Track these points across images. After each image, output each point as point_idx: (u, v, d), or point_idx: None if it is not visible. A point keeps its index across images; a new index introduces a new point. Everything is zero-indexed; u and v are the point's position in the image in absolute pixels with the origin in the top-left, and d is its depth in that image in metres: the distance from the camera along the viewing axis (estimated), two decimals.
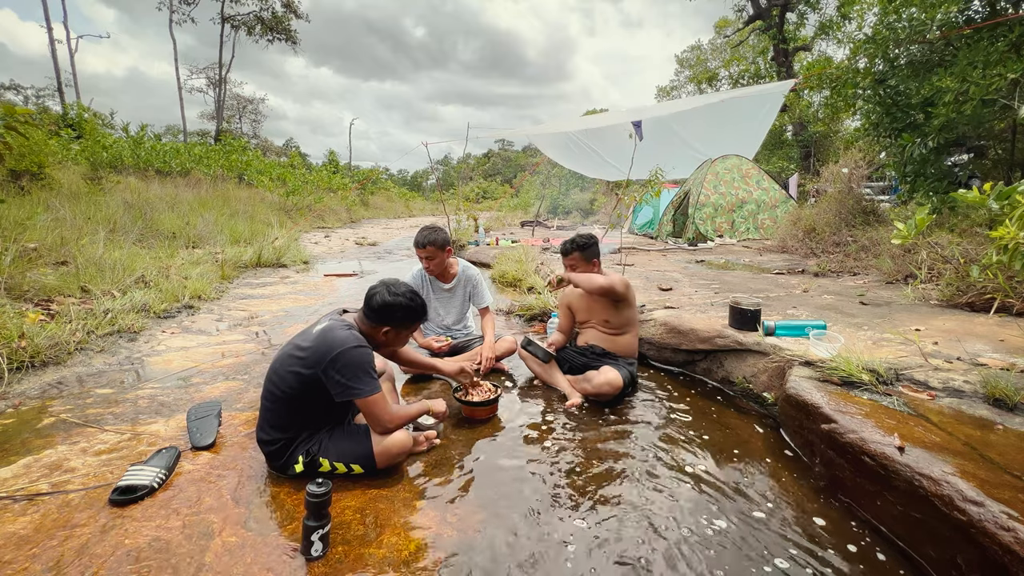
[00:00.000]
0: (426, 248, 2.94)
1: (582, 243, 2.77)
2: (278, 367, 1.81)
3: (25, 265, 4.14)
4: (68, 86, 19.11)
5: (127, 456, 1.95)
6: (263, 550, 1.46)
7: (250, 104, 36.64)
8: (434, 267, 3.03)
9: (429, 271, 3.06)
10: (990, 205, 2.12)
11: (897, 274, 4.41)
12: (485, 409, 2.35)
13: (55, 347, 2.97)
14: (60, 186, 8.06)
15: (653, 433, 2.26)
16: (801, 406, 2.02)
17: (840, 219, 6.50)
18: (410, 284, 2.84)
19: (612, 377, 2.48)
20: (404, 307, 1.90)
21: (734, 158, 9.36)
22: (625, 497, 1.75)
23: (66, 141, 10.94)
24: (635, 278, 4.90)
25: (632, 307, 2.76)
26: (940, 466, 1.44)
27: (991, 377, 1.90)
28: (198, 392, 2.63)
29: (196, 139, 26.52)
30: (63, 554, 1.41)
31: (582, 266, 2.75)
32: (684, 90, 26.76)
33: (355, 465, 1.80)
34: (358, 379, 1.73)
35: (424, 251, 2.95)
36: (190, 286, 4.74)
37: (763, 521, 1.63)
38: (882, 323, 2.92)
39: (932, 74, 4.96)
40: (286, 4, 24.59)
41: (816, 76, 7.50)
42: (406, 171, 58.87)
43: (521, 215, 18.95)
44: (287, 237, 8.66)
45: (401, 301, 1.89)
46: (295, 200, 15.14)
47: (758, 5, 16.75)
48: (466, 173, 25.48)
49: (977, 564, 1.26)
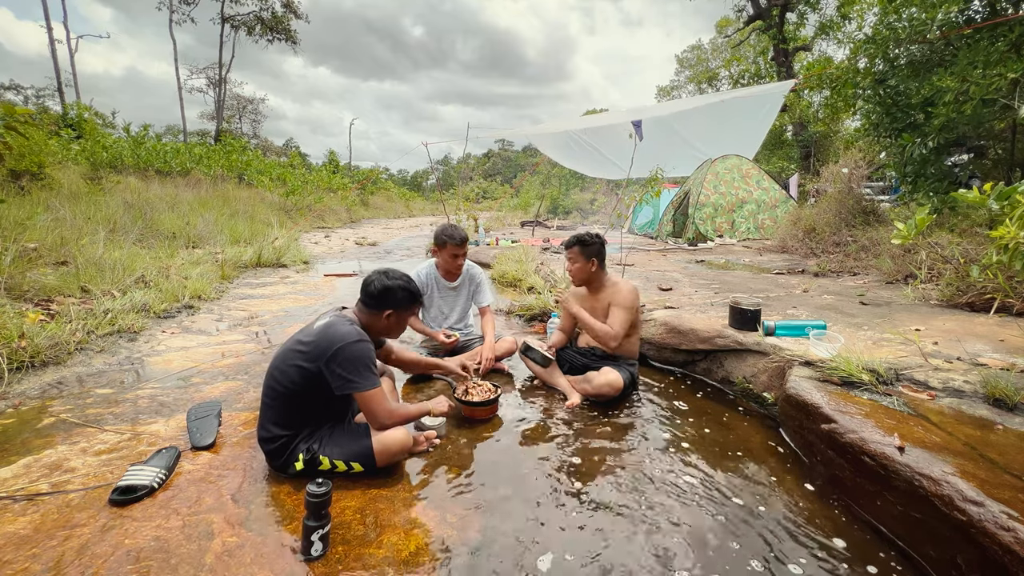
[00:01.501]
0: (463, 245, 3.01)
1: (584, 239, 2.74)
2: (279, 363, 1.83)
3: (25, 265, 4.14)
4: (68, 86, 19.12)
5: (127, 456, 1.95)
6: (263, 550, 1.46)
7: (250, 104, 36.66)
8: (461, 263, 3.08)
9: (452, 268, 3.07)
10: (990, 205, 2.12)
11: (897, 274, 4.41)
12: (485, 409, 2.35)
13: (55, 347, 2.97)
14: (60, 186, 8.06)
15: (653, 433, 2.26)
16: (801, 406, 2.02)
17: (840, 219, 6.50)
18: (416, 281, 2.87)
19: (613, 378, 2.48)
20: (404, 288, 1.96)
21: (734, 158, 9.36)
22: (625, 497, 1.75)
23: (66, 141, 10.95)
24: (635, 278, 4.90)
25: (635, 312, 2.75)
26: (940, 466, 1.44)
27: (991, 377, 1.90)
28: (198, 392, 2.63)
29: (196, 139, 26.52)
30: (63, 554, 1.41)
31: (580, 262, 2.73)
32: (684, 90, 26.78)
33: (355, 463, 1.80)
34: (358, 373, 1.75)
35: (463, 248, 3.01)
36: (190, 286, 4.74)
37: (763, 521, 1.63)
38: (882, 323, 2.92)
39: (932, 74, 4.96)
40: (286, 4, 24.59)
41: (816, 76, 7.50)
42: (406, 171, 58.91)
43: (521, 215, 18.95)
44: (287, 237, 8.66)
45: (400, 283, 1.96)
46: (295, 200, 15.14)
47: (758, 5, 16.75)
48: (466, 173, 25.48)
49: (977, 564, 1.26)
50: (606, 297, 2.74)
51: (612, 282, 2.77)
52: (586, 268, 2.73)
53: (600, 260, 2.75)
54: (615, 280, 2.79)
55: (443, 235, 2.99)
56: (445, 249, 3.00)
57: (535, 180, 22.11)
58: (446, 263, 3.04)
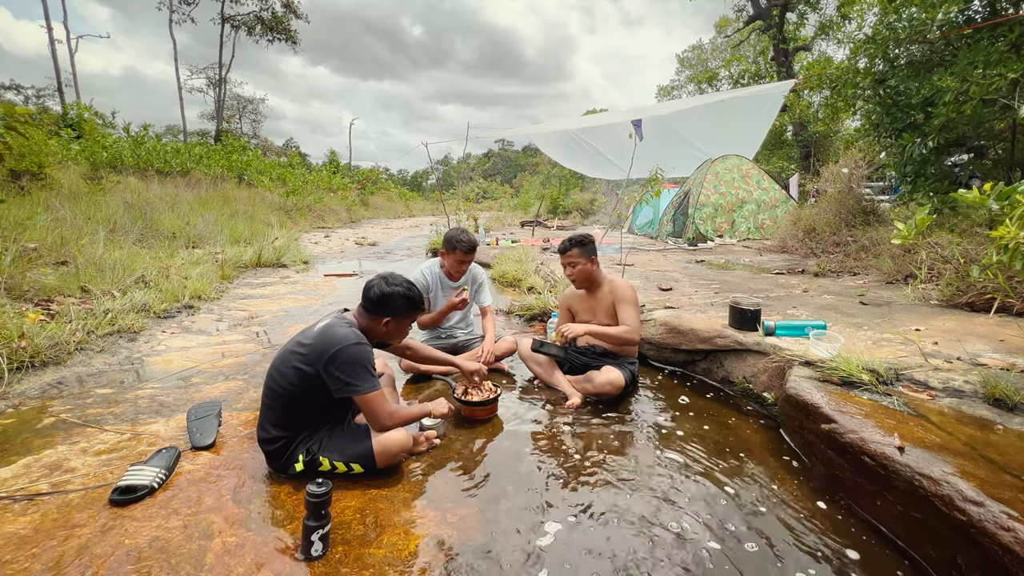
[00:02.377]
0: (472, 252, 3.03)
1: (581, 240, 2.74)
2: (279, 364, 1.83)
3: (25, 265, 4.14)
4: (68, 86, 19.12)
5: (127, 456, 1.95)
6: (263, 550, 1.46)
7: (250, 104, 36.65)
8: (466, 269, 3.11)
9: (457, 272, 3.09)
10: (990, 205, 2.12)
11: (897, 274, 4.41)
12: (485, 409, 2.35)
13: (55, 347, 2.97)
14: (60, 186, 8.06)
15: (653, 433, 2.26)
16: (801, 406, 2.02)
17: (840, 219, 6.50)
18: (419, 280, 2.86)
19: (614, 377, 2.48)
20: (403, 296, 1.93)
21: (734, 158, 9.36)
22: (626, 497, 1.75)
23: (66, 141, 10.94)
24: (635, 278, 4.90)
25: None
26: (940, 466, 1.44)
27: (991, 377, 1.90)
28: (198, 392, 2.63)
29: (196, 139, 26.52)
30: (63, 554, 1.41)
31: (582, 263, 2.72)
32: (684, 90, 26.77)
33: (355, 464, 1.80)
34: (357, 376, 1.75)
35: (471, 255, 3.04)
36: (190, 286, 4.74)
37: (762, 520, 1.63)
38: (882, 323, 2.92)
39: (932, 74, 4.96)
40: (286, 4, 24.58)
41: (816, 76, 7.50)
42: (406, 171, 58.90)
43: (521, 215, 18.94)
44: (287, 237, 8.66)
45: (399, 291, 1.92)
46: (295, 200, 15.13)
47: (758, 5, 16.76)
48: (466, 173, 25.47)
49: (977, 564, 1.26)
50: (605, 295, 2.75)
51: (608, 280, 2.79)
52: (588, 267, 2.73)
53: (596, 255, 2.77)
54: (610, 277, 2.81)
55: (454, 240, 2.99)
56: (454, 254, 3.00)
57: (535, 180, 22.10)
58: (452, 267, 3.05)
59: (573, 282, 2.82)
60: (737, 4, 18.65)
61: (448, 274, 3.13)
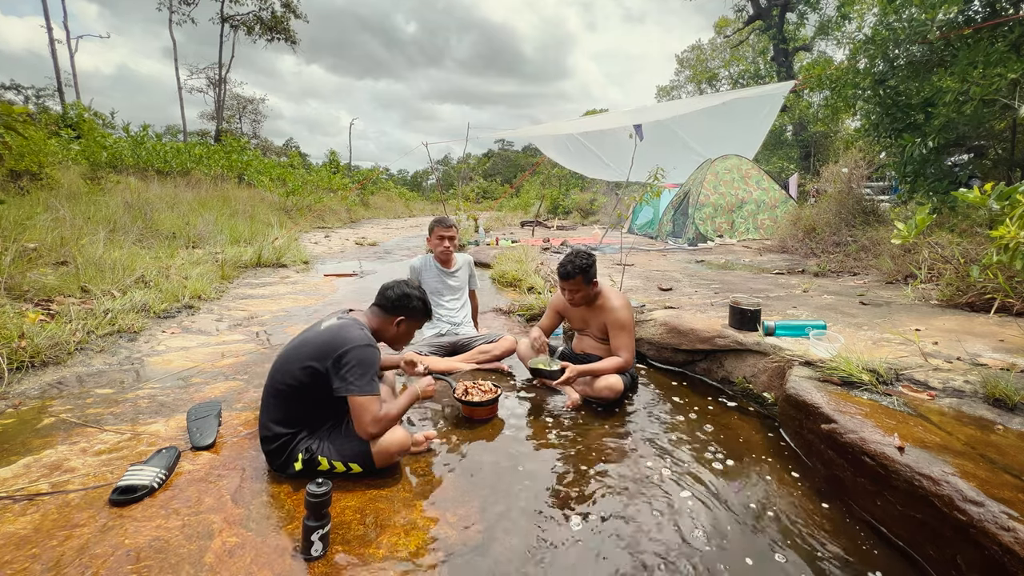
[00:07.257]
0: (451, 228, 3.39)
1: (584, 265, 2.56)
2: (283, 361, 1.85)
3: (25, 265, 4.13)
4: (68, 86, 19.12)
5: (127, 456, 1.95)
6: (263, 550, 1.46)
7: (250, 104, 36.64)
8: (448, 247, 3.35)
9: (441, 250, 3.35)
10: (990, 205, 2.12)
11: (897, 274, 4.41)
12: (485, 409, 2.35)
13: (55, 347, 2.97)
14: (60, 186, 8.06)
15: (652, 433, 2.26)
16: (801, 406, 2.02)
17: (840, 219, 6.51)
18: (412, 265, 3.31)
19: (613, 382, 2.47)
20: (420, 299, 2.08)
21: (734, 158, 9.36)
22: (625, 498, 1.75)
23: (66, 141, 10.93)
24: (635, 278, 4.90)
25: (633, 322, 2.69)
26: (940, 466, 1.44)
27: (991, 377, 1.90)
28: (198, 392, 2.63)
29: (196, 139, 26.51)
30: (63, 554, 1.41)
31: (583, 290, 2.61)
32: (684, 90, 26.76)
33: (353, 464, 1.80)
34: (362, 377, 1.76)
35: (449, 230, 3.37)
36: (190, 286, 4.74)
37: (763, 521, 1.63)
38: (882, 323, 2.92)
39: (932, 74, 4.97)
40: (286, 4, 24.57)
41: (816, 77, 7.50)
42: (406, 171, 58.81)
43: (521, 215, 18.95)
44: (287, 237, 8.66)
45: (417, 293, 2.09)
46: (295, 200, 15.12)
47: (758, 5, 16.76)
48: (466, 173, 25.45)
49: (977, 564, 1.26)
50: (599, 309, 2.67)
51: (605, 293, 2.68)
52: (589, 292, 2.64)
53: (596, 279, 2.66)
54: (606, 291, 2.70)
55: (432, 221, 3.40)
56: (434, 231, 3.35)
57: (535, 180, 22.10)
58: (435, 245, 3.35)
59: (571, 303, 2.72)
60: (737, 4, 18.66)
61: (438, 259, 3.38)
